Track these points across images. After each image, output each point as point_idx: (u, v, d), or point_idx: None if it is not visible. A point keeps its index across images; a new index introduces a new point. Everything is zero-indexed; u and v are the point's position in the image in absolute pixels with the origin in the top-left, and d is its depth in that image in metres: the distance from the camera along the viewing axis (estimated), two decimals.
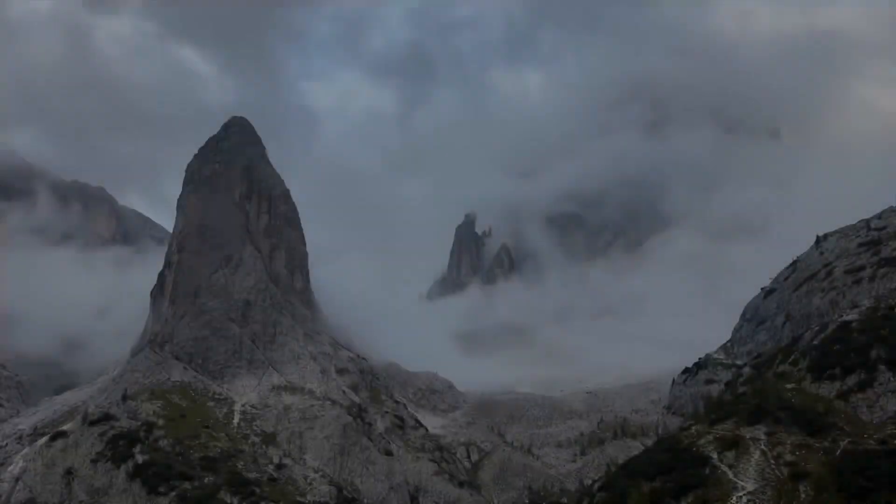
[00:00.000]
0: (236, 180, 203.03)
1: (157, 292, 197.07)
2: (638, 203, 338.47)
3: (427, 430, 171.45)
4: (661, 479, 73.55)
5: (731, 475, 71.48)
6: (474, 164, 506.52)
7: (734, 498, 67.41)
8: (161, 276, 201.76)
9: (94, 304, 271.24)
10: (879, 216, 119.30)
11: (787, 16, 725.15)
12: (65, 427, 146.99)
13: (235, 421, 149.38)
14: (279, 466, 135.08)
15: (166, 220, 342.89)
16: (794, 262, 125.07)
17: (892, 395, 74.86)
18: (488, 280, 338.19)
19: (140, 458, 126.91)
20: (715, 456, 75.05)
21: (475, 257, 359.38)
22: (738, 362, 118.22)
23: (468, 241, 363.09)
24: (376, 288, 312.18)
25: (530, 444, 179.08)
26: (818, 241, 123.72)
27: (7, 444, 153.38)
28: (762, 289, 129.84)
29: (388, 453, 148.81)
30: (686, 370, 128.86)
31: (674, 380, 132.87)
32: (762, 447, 74.17)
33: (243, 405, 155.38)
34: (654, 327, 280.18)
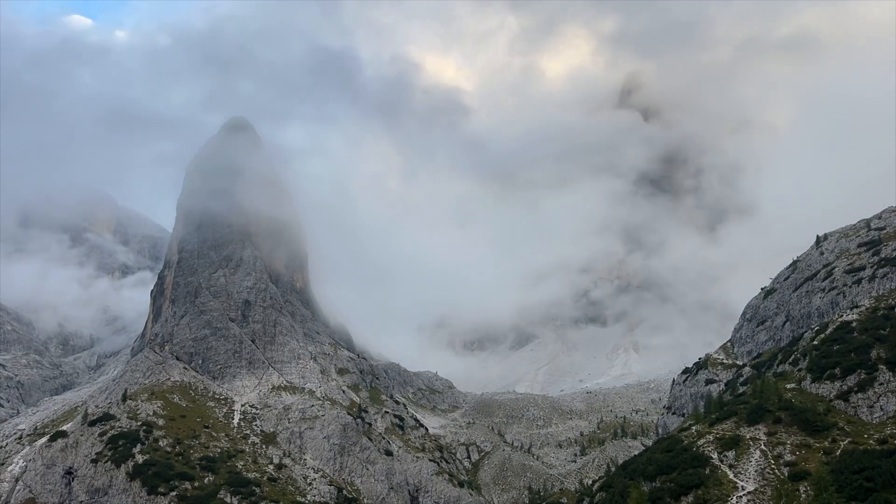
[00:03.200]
0: (236, 181, 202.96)
1: (157, 292, 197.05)
2: None
3: (427, 429, 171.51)
4: (661, 479, 73.65)
5: (731, 475, 71.55)
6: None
7: (734, 498, 67.47)
8: (161, 276, 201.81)
9: (95, 304, 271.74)
10: (879, 216, 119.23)
11: None
12: (65, 427, 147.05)
13: (235, 421, 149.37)
14: (279, 466, 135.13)
15: (166, 220, 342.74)
16: (794, 262, 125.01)
17: (892, 395, 74.85)
18: None
19: (140, 458, 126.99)
20: (715, 456, 75.14)
21: None
22: (738, 362, 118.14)
23: None
24: (377, 287, 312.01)
25: (530, 444, 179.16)
26: (818, 241, 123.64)
27: (7, 444, 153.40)
28: (762, 289, 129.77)
29: (388, 453, 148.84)
30: (686, 370, 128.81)
31: (674, 380, 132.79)
32: (762, 447, 74.25)
33: (243, 405, 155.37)
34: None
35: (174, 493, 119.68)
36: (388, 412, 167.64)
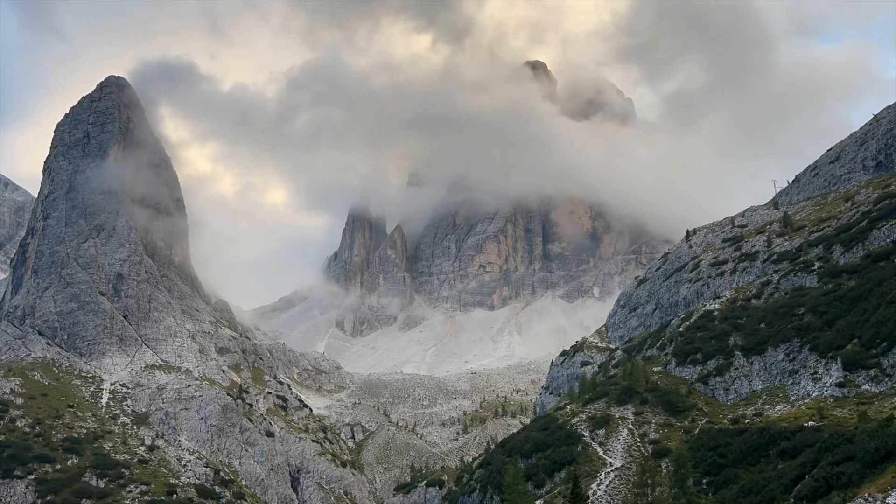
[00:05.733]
0: (112, 143, 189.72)
1: (19, 261, 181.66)
2: None
3: (311, 410, 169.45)
4: (536, 456, 76.92)
5: (600, 452, 75.87)
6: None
7: (602, 473, 71.61)
8: (23, 243, 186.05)
9: None
10: (742, 215, 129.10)
11: None
12: None
13: (104, 400, 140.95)
14: (151, 448, 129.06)
15: (31, 183, 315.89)
16: (666, 254, 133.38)
17: (746, 378, 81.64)
18: (380, 263, 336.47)
19: None
20: (587, 434, 79.32)
21: (368, 238, 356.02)
22: (612, 346, 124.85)
23: (361, 221, 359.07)
24: (265, 265, 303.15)
25: (415, 424, 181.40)
26: (688, 235, 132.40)
27: None
28: (636, 278, 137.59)
29: (270, 434, 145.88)
30: (564, 352, 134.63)
31: (552, 361, 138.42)
32: (630, 426, 79.11)
33: (113, 384, 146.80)
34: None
35: (32, 477, 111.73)
36: (270, 393, 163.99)
